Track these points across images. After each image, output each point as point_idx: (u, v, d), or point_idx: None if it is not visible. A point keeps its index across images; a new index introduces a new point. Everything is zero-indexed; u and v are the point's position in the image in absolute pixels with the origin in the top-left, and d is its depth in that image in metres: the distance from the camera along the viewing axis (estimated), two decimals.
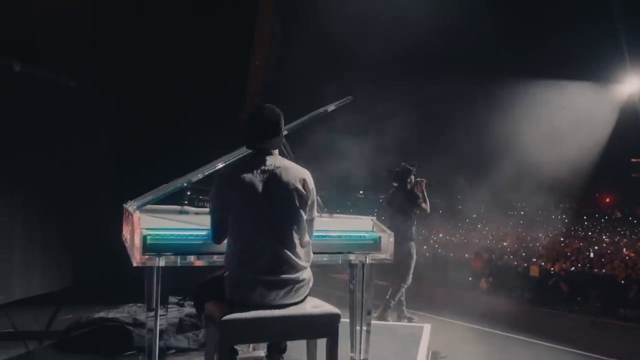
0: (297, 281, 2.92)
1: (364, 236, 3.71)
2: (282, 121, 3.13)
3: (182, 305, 4.66)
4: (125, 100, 7.85)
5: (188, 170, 3.77)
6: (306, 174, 3.08)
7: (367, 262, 3.71)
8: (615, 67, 14.70)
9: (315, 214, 3.17)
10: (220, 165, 3.70)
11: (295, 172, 3.03)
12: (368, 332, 3.80)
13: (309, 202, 3.05)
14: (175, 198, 3.74)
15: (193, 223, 3.34)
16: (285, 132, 3.81)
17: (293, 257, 2.91)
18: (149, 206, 3.50)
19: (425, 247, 15.03)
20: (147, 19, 7.93)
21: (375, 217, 3.92)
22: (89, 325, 4.15)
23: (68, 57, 7.37)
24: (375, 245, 3.69)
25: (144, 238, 3.09)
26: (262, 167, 2.97)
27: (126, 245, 3.59)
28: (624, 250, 14.15)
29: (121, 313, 4.39)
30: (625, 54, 15.02)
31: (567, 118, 13.75)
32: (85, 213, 7.22)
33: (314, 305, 3.00)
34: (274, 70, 9.43)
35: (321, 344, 3.08)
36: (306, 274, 2.99)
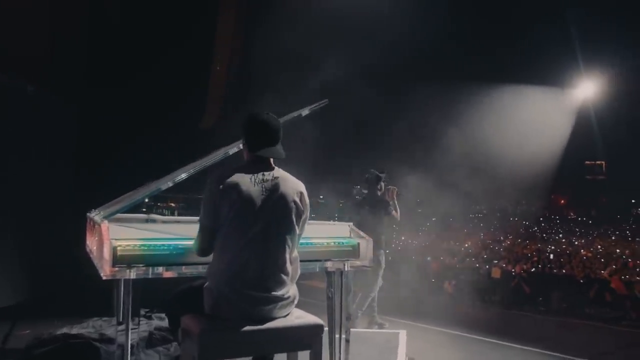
0: (282, 299, 2.80)
1: (342, 242, 3.61)
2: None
3: (150, 318, 4.45)
4: (86, 105, 7.58)
5: (150, 178, 3.63)
6: (302, 187, 2.95)
7: (346, 269, 3.61)
8: (570, 72, 15.10)
9: (304, 230, 3.02)
10: (183, 175, 3.54)
11: (293, 185, 2.90)
12: (347, 340, 3.70)
13: (304, 217, 2.93)
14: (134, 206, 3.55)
15: (163, 232, 3.19)
16: None
17: (281, 273, 2.79)
18: (118, 215, 3.33)
19: (387, 250, 15.04)
20: (109, 26, 7.71)
21: (352, 223, 3.84)
22: (52, 343, 3.89)
23: (26, 62, 7.07)
24: (354, 251, 3.60)
25: (114, 249, 2.92)
26: (262, 177, 2.82)
27: (92, 256, 3.41)
28: (582, 251, 14.49)
29: (86, 328, 4.15)
30: (579, 60, 15.47)
31: (524, 122, 14.00)
32: (43, 223, 6.92)
33: (296, 317, 2.89)
34: (237, 72, 9.29)
35: (301, 355, 2.97)
36: (292, 292, 2.87)
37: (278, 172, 2.90)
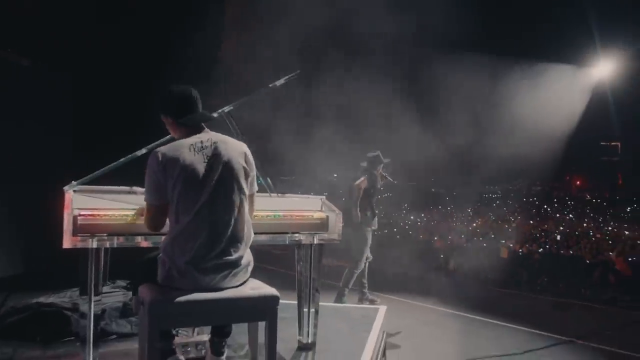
0: (235, 265, 2.76)
1: (312, 215, 3.60)
2: None
3: (129, 289, 4.48)
4: (81, 80, 7.57)
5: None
6: (245, 147, 2.95)
7: (315, 242, 3.59)
8: (586, 50, 14.71)
9: (256, 188, 3.02)
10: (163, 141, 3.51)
11: (235, 146, 2.90)
12: (316, 312, 3.69)
13: (251, 176, 2.92)
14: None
15: (135, 203, 3.17)
16: (230, 108, 3.70)
17: (233, 238, 2.76)
18: (95, 187, 3.31)
19: (395, 229, 15.01)
20: None
21: (324, 197, 3.81)
22: (25, 311, 3.95)
23: (20, 35, 7.07)
24: (323, 224, 3.58)
25: (74, 219, 2.94)
26: (200, 144, 2.80)
27: None
28: (591, 233, 14.27)
29: (62, 298, 4.19)
30: (596, 38, 15.05)
31: (538, 100, 13.72)
32: (38, 195, 6.97)
33: (252, 287, 2.86)
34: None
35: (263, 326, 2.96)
36: (245, 258, 2.83)
37: (216, 136, 2.89)
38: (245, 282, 2.86)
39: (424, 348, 5.37)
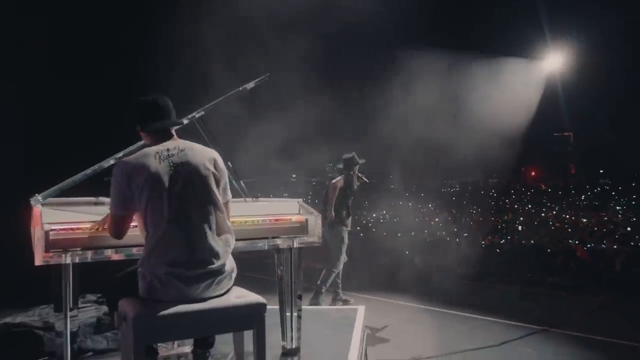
0: (218, 273, 2.70)
1: (290, 219, 3.54)
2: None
3: (100, 303, 4.34)
4: (36, 89, 7.31)
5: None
6: (215, 154, 2.89)
7: (295, 246, 3.54)
8: (536, 43, 15.07)
9: (230, 195, 2.96)
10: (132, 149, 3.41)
11: (204, 152, 2.84)
12: (299, 317, 3.64)
13: (222, 183, 2.85)
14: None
15: (103, 214, 3.06)
16: (202, 113, 3.62)
17: (211, 245, 2.69)
18: (61, 199, 3.20)
19: (358, 227, 15.05)
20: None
21: (302, 200, 3.76)
22: None
23: None
24: (302, 228, 3.53)
25: (46, 234, 2.81)
26: (166, 152, 2.73)
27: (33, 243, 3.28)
28: (550, 222, 14.66)
29: (31, 317, 4.03)
30: (545, 31, 15.44)
31: (493, 94, 13.93)
32: None
33: (238, 296, 2.79)
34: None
35: (248, 334, 2.89)
36: (228, 265, 2.77)
37: (184, 143, 2.83)
38: (229, 290, 2.80)
39: (405, 345, 5.37)
